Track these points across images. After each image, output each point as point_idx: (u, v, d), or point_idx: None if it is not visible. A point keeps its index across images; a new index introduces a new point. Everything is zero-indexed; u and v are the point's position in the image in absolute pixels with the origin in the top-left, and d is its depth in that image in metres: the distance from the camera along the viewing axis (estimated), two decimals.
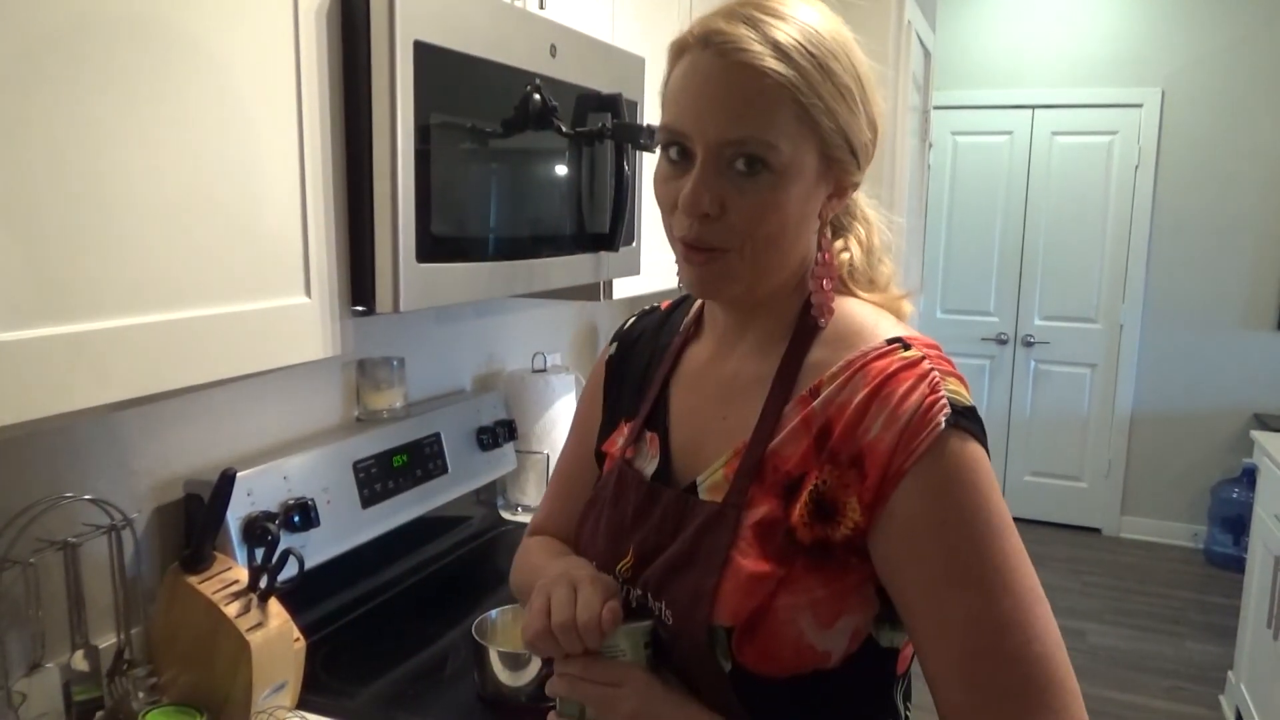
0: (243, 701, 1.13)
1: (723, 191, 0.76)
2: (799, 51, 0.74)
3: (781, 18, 0.76)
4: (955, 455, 0.72)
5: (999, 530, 0.72)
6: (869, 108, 0.80)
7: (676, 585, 0.80)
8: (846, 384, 0.76)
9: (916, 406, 0.72)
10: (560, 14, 1.52)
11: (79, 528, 1.14)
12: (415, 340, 1.83)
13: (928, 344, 0.79)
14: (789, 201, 0.77)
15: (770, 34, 0.74)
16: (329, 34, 1.04)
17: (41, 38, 0.75)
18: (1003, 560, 0.71)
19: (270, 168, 0.99)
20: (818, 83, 0.75)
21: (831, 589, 0.75)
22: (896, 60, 2.82)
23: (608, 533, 0.89)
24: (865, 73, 0.79)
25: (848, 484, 0.74)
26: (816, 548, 0.75)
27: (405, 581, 1.68)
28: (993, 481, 0.73)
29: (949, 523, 0.72)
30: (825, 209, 0.82)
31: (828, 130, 0.76)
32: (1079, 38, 4.70)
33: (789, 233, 0.79)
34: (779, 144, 0.75)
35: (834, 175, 0.80)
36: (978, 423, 0.74)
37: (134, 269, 0.84)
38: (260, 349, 1.00)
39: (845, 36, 0.79)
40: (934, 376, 0.74)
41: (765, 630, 0.75)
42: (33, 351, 0.75)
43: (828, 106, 0.76)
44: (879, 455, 0.73)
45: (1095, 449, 4.91)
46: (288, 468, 1.40)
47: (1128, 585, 4.31)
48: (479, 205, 1.25)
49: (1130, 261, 4.71)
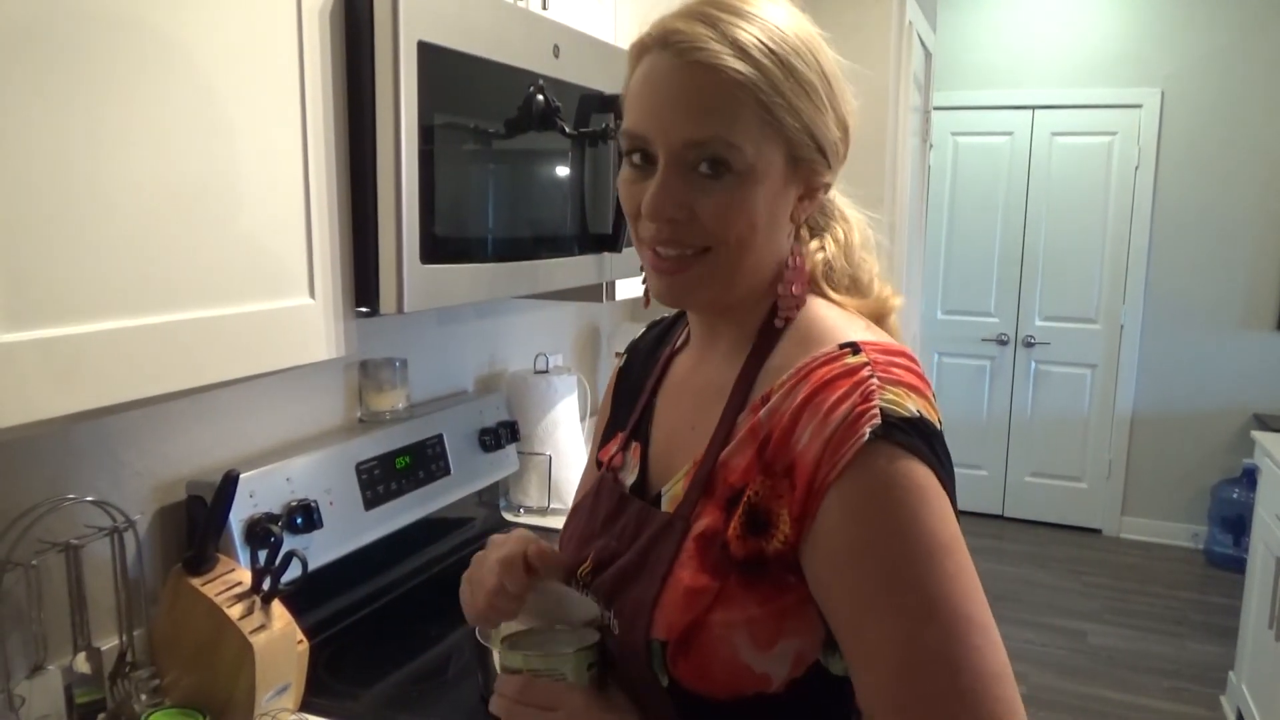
0: (245, 704, 1.13)
1: (688, 195, 0.74)
2: (760, 49, 0.72)
3: (742, 16, 0.74)
4: (880, 470, 0.67)
5: (928, 552, 0.66)
6: (837, 106, 0.77)
7: (623, 595, 0.79)
8: (790, 391, 0.73)
9: (844, 416, 0.68)
10: (563, 14, 1.52)
11: (81, 529, 1.13)
12: (417, 341, 1.83)
13: (887, 349, 0.74)
14: (756, 203, 0.75)
15: (730, 32, 0.72)
16: (332, 34, 1.04)
17: (35, 36, 0.74)
18: (932, 586, 0.66)
19: (274, 168, 0.99)
20: (780, 81, 0.73)
21: (768, 608, 0.72)
22: (897, 61, 2.82)
23: (578, 538, 0.89)
24: (832, 70, 0.77)
25: (780, 494, 0.71)
26: (751, 563, 0.72)
27: (408, 583, 1.68)
28: (926, 498, 0.67)
29: (871, 543, 0.67)
30: (797, 211, 0.79)
31: (792, 129, 0.74)
32: (1079, 38, 4.70)
33: (759, 235, 0.76)
34: (742, 145, 0.73)
35: (803, 176, 0.78)
36: (921, 435, 0.69)
37: (137, 270, 0.84)
38: (264, 350, 0.99)
39: (810, 33, 0.76)
40: (870, 385, 0.69)
41: (699, 646, 0.72)
42: (34, 353, 0.75)
43: (791, 105, 0.73)
44: (805, 466, 0.69)
45: (1096, 449, 4.91)
46: (291, 469, 1.40)
47: (1128, 586, 4.31)
48: (482, 206, 1.24)
49: (1130, 262, 4.71)
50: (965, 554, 0.68)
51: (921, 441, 0.68)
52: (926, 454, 0.68)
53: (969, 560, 0.68)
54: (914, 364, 0.74)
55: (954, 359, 5.10)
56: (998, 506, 5.11)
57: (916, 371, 0.73)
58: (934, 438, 0.70)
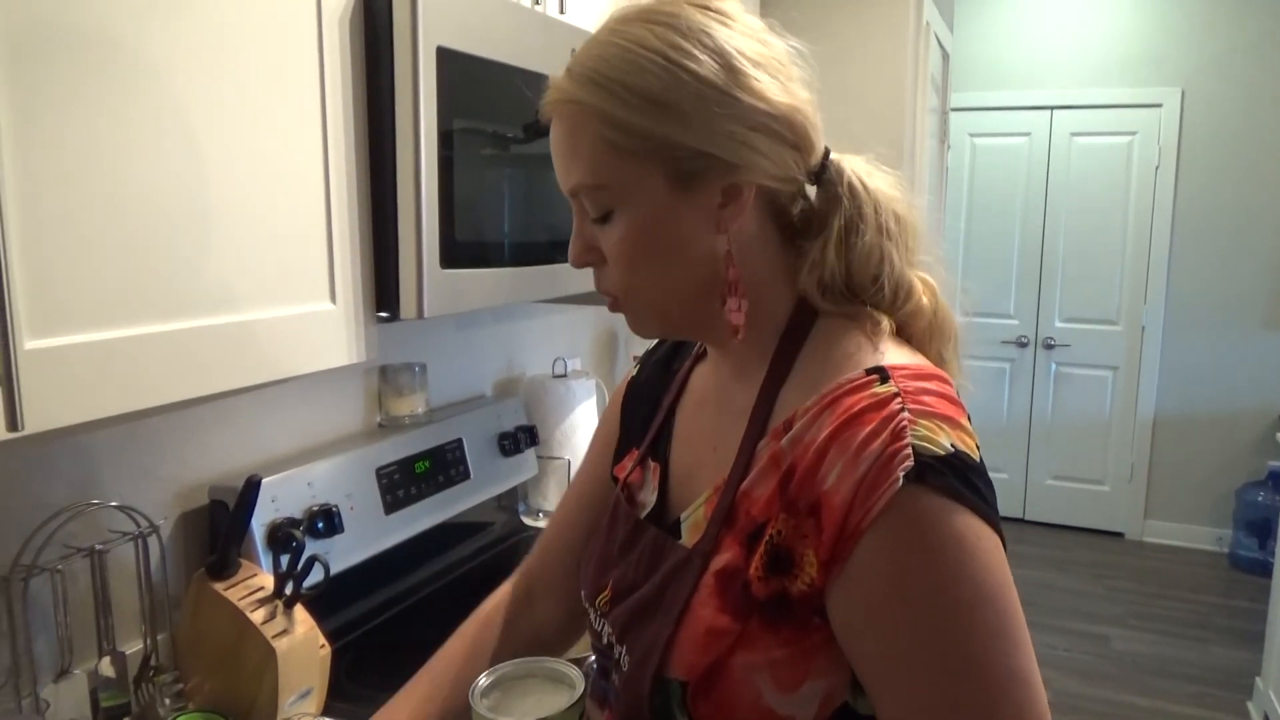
0: (269, 708, 1.13)
1: (594, 239, 0.75)
2: (599, 75, 0.69)
3: (591, 44, 0.72)
4: (916, 517, 0.62)
5: (969, 605, 0.62)
6: (732, 98, 0.69)
7: (637, 631, 0.76)
8: (814, 420, 0.68)
9: (876, 456, 0.63)
10: (580, 18, 1.52)
11: (106, 534, 1.14)
12: (436, 346, 1.83)
13: (917, 373, 0.68)
14: (649, 233, 0.72)
15: (579, 66, 0.71)
16: (352, 40, 1.05)
17: (62, 42, 0.75)
18: (973, 640, 0.62)
19: (295, 175, 0.99)
20: (617, 109, 0.69)
21: (792, 650, 0.67)
22: (915, 62, 2.81)
23: (596, 563, 0.87)
24: (706, 67, 0.69)
25: (805, 534, 0.66)
26: (773, 603, 0.68)
27: (428, 587, 1.68)
28: (965, 546, 0.62)
29: (907, 596, 0.63)
30: (723, 218, 0.72)
31: (654, 148, 0.69)
32: (1097, 38, 4.67)
33: (672, 260, 0.73)
34: (606, 183, 0.71)
35: (702, 185, 0.71)
36: (957, 473, 0.63)
37: (160, 277, 0.85)
38: (286, 356, 1.00)
39: (670, 38, 0.69)
40: (901, 420, 0.64)
41: (721, 689, 0.69)
42: (59, 361, 0.75)
43: (635, 125, 0.69)
44: (835, 508, 0.64)
45: (1118, 452, 4.86)
46: (312, 474, 1.40)
47: (1152, 590, 4.27)
48: (501, 210, 1.24)
49: (1151, 263, 4.67)
50: (1010, 599, 0.63)
51: (959, 480, 0.63)
52: (965, 494, 0.63)
53: (1014, 605, 0.63)
54: (947, 385, 0.69)
55: (973, 361, 5.00)
56: (1019, 509, 5.07)
57: (949, 396, 0.68)
58: (971, 471, 0.65)
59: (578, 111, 0.71)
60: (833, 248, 0.74)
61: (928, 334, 0.77)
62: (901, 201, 0.77)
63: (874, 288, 0.75)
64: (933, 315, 0.77)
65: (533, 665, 0.83)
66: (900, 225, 0.76)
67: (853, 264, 0.75)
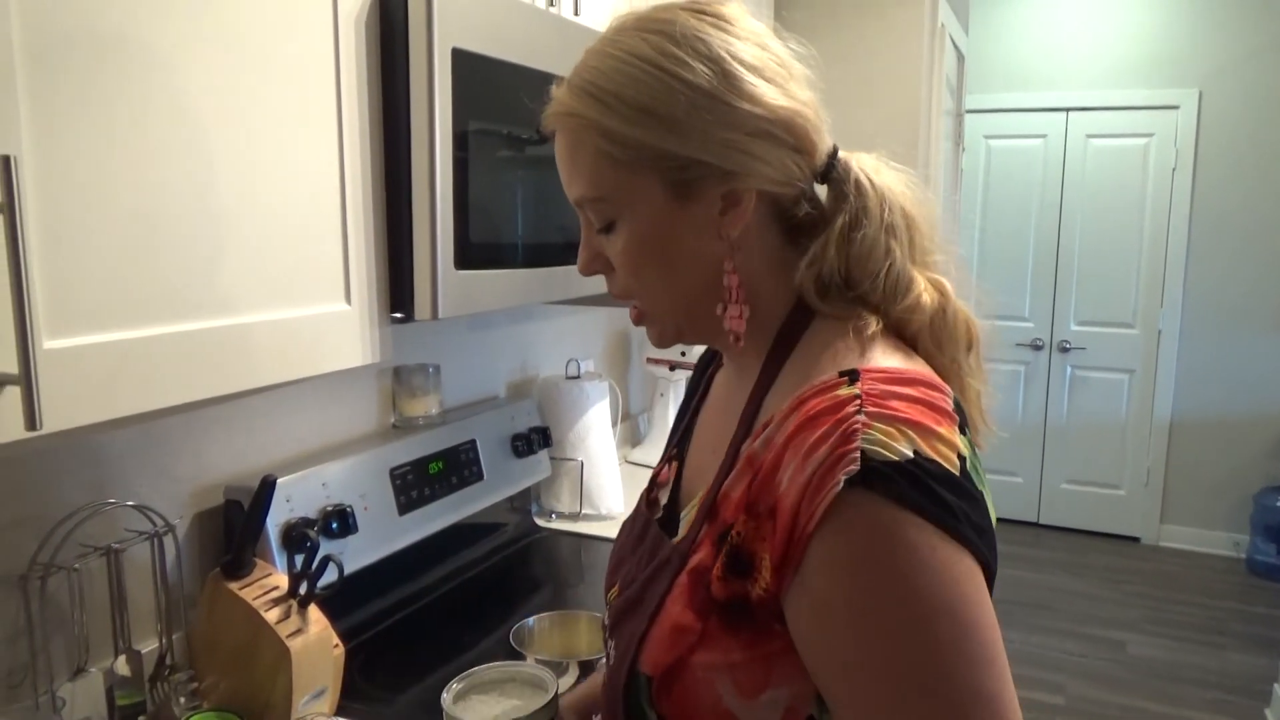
0: (283, 707, 1.13)
1: (602, 248, 0.76)
2: (589, 89, 0.70)
3: (588, 55, 0.72)
4: (857, 524, 0.60)
5: (921, 617, 0.59)
6: (737, 101, 0.69)
7: (622, 626, 0.77)
8: (783, 422, 0.66)
9: (823, 459, 0.61)
10: (595, 19, 1.52)
11: (122, 534, 1.15)
12: (450, 347, 1.84)
13: (895, 377, 0.66)
14: (651, 243, 0.73)
15: (569, 80, 0.72)
16: (368, 42, 1.05)
17: (77, 46, 0.76)
18: (925, 655, 0.59)
19: (311, 176, 0.99)
20: (613, 115, 0.69)
21: (751, 654, 0.66)
22: (930, 64, 2.80)
23: (613, 560, 0.88)
24: (700, 75, 0.68)
25: (763, 537, 0.65)
26: (733, 606, 0.66)
27: (441, 588, 1.68)
28: (916, 555, 0.59)
29: (858, 608, 0.60)
30: (726, 225, 0.72)
31: (647, 157, 0.70)
32: (1114, 39, 4.64)
33: (675, 269, 0.74)
34: (606, 194, 0.72)
35: (700, 192, 0.71)
36: (914, 482, 0.60)
37: (176, 278, 0.85)
38: (302, 356, 1.00)
39: (664, 47, 0.69)
40: (853, 423, 0.62)
41: (682, 687, 0.69)
42: (76, 360, 0.76)
43: (627, 135, 0.69)
44: (785, 511, 0.63)
45: (1134, 456, 4.83)
46: (326, 474, 1.41)
47: (1167, 595, 4.23)
48: (515, 212, 1.25)
49: (1168, 265, 4.64)
50: (973, 614, 0.60)
51: (914, 488, 0.60)
52: (919, 502, 0.60)
53: (978, 619, 0.60)
54: (934, 393, 0.66)
55: (988, 364, 5.03)
56: (1033, 514, 5.04)
57: (931, 402, 0.64)
58: (936, 480, 0.61)
59: (576, 124, 0.71)
60: (833, 244, 0.73)
61: (934, 335, 0.74)
62: (910, 197, 0.76)
63: (871, 283, 0.73)
64: (938, 315, 0.74)
65: (510, 670, 0.86)
66: (908, 221, 0.75)
67: (852, 260, 0.73)
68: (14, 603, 1.06)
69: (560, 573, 1.86)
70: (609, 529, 2.01)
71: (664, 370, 2.47)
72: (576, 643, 1.37)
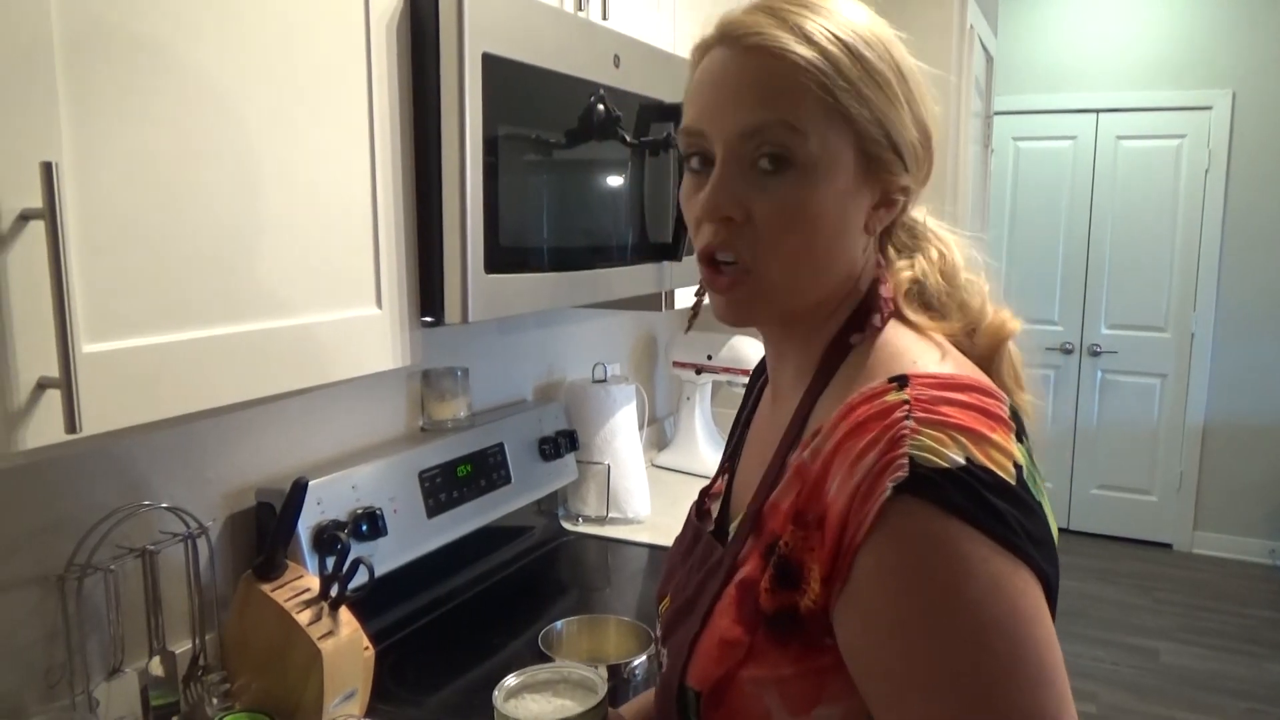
0: (314, 709, 1.14)
1: (746, 194, 0.68)
2: (826, 36, 0.67)
3: (809, 7, 0.69)
4: (906, 532, 0.58)
5: (971, 631, 0.57)
6: (915, 105, 0.71)
7: (674, 633, 0.76)
8: (832, 431, 0.64)
9: (870, 466, 0.60)
10: (623, 24, 1.52)
11: (156, 535, 1.16)
12: (478, 350, 1.85)
13: (947, 382, 0.64)
14: (821, 202, 0.68)
15: (792, 20, 0.68)
16: (399, 47, 1.06)
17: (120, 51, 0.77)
18: (976, 669, 0.56)
19: (343, 181, 1.00)
20: (847, 67, 0.67)
21: (801, 668, 0.64)
22: (959, 65, 2.78)
23: (666, 569, 0.88)
24: (909, 68, 0.71)
25: (812, 548, 0.63)
26: (782, 618, 0.65)
27: (469, 591, 1.69)
28: (967, 566, 0.57)
29: (906, 619, 0.58)
30: (872, 219, 0.72)
31: (862, 120, 0.67)
32: (1145, 39, 4.58)
33: (823, 241, 0.70)
34: (806, 130, 0.66)
35: (877, 178, 0.70)
36: (965, 489, 0.58)
37: (212, 282, 0.86)
38: (334, 359, 1.01)
39: (884, 32, 0.71)
40: (901, 428, 0.60)
41: (730, 703, 0.67)
42: (114, 364, 0.77)
43: (860, 93, 0.67)
44: (834, 520, 0.61)
45: (1166, 461, 4.76)
46: (356, 477, 1.42)
47: (1201, 603, 4.17)
48: (544, 216, 1.25)
49: (1201, 268, 4.57)
50: (1028, 628, 0.57)
51: (966, 496, 0.58)
52: (971, 511, 0.58)
53: (1034, 634, 0.58)
54: (985, 397, 0.63)
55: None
56: (1063, 519, 4.98)
57: (982, 404, 0.62)
58: (990, 489, 0.58)
59: (796, 57, 0.66)
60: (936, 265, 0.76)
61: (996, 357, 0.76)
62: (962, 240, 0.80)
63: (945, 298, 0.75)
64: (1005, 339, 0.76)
65: (561, 671, 0.85)
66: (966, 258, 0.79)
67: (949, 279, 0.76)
68: (52, 603, 1.08)
69: (587, 576, 1.86)
70: (636, 533, 2.01)
71: (690, 374, 2.47)
72: (605, 646, 1.37)
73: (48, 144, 0.70)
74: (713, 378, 2.45)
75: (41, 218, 0.68)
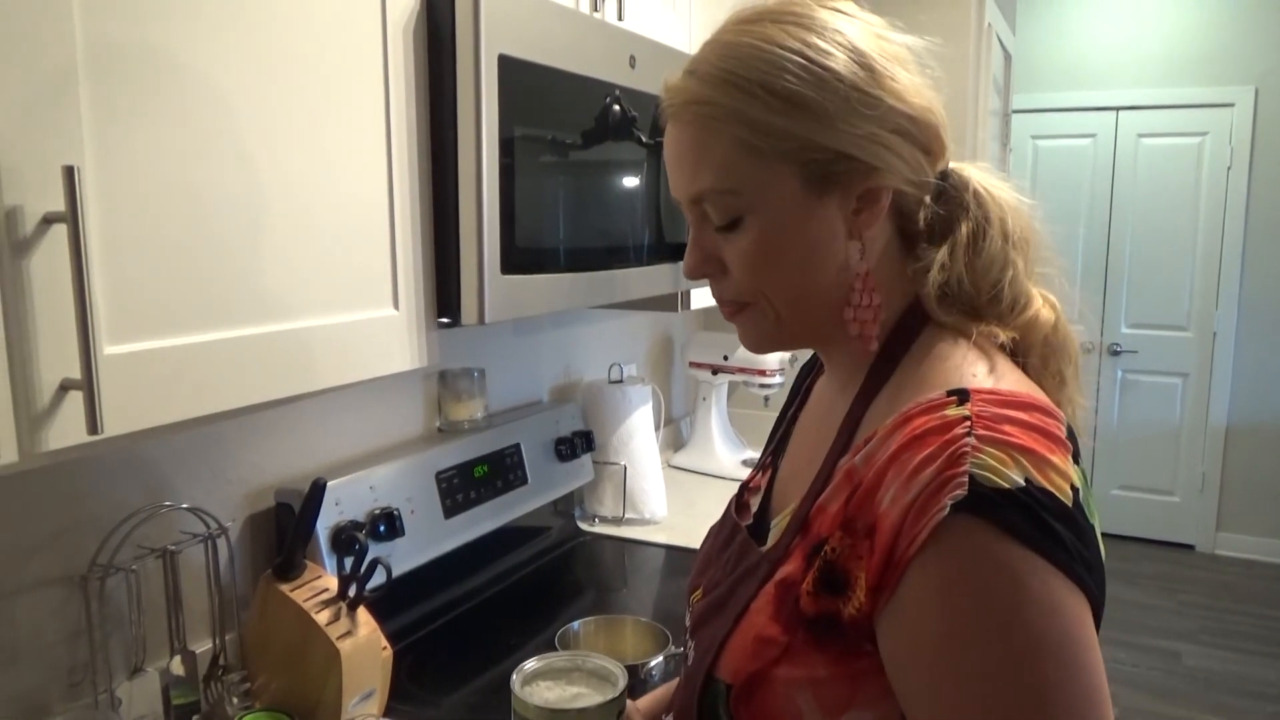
0: (333, 708, 1.15)
1: (716, 247, 0.73)
2: (728, 77, 0.67)
3: (716, 45, 0.70)
4: (963, 551, 0.58)
5: (1023, 653, 0.57)
6: (873, 98, 0.68)
7: (703, 629, 0.76)
8: (886, 439, 0.64)
9: (928, 482, 0.59)
10: (638, 25, 1.52)
11: (177, 535, 1.17)
12: (494, 351, 1.85)
13: (1007, 400, 0.63)
14: (782, 239, 0.70)
15: (697, 70, 0.69)
16: (415, 49, 1.06)
17: (139, 56, 0.77)
18: (1028, 693, 0.57)
19: (360, 183, 1.01)
20: (755, 108, 0.67)
21: (836, 671, 0.65)
22: (976, 64, 2.76)
23: (700, 562, 0.88)
24: (846, 68, 0.67)
25: (860, 556, 0.63)
26: (821, 622, 0.65)
27: (486, 592, 1.69)
28: (1023, 588, 0.57)
29: (959, 638, 0.58)
30: (855, 224, 0.71)
31: (789, 149, 0.67)
32: (1165, 35, 4.54)
33: (801, 269, 0.71)
34: (736, 188, 0.69)
35: (835, 187, 0.69)
36: (1025, 511, 0.58)
37: (231, 284, 0.87)
38: (352, 361, 1.01)
39: (806, 38, 0.68)
40: (963, 445, 0.59)
41: (761, 699, 0.67)
42: (136, 366, 0.77)
43: (772, 125, 0.67)
44: (885, 533, 0.61)
45: (1188, 462, 4.71)
46: (373, 478, 1.42)
47: (1225, 605, 4.12)
48: (560, 217, 1.25)
49: (1224, 266, 4.52)
50: (1081, 653, 0.57)
51: (1023, 517, 0.58)
52: (1030, 533, 0.58)
53: (1086, 660, 0.58)
54: (1045, 417, 0.63)
55: None
56: None
57: (1045, 429, 0.62)
58: (1049, 512, 0.58)
59: (709, 114, 0.68)
60: (960, 253, 0.72)
61: (1046, 350, 0.74)
62: (1025, 212, 0.76)
63: (991, 295, 0.73)
64: (1052, 331, 0.74)
65: (578, 660, 0.85)
66: (1025, 234, 0.75)
67: (977, 271, 0.73)
68: (75, 603, 1.09)
69: (604, 577, 1.86)
70: (652, 533, 2.01)
71: (707, 374, 2.47)
72: (621, 647, 1.37)
73: (69, 149, 0.71)
74: (729, 378, 2.45)
75: (64, 221, 0.69)
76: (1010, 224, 0.74)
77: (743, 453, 2.53)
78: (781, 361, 2.39)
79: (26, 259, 0.68)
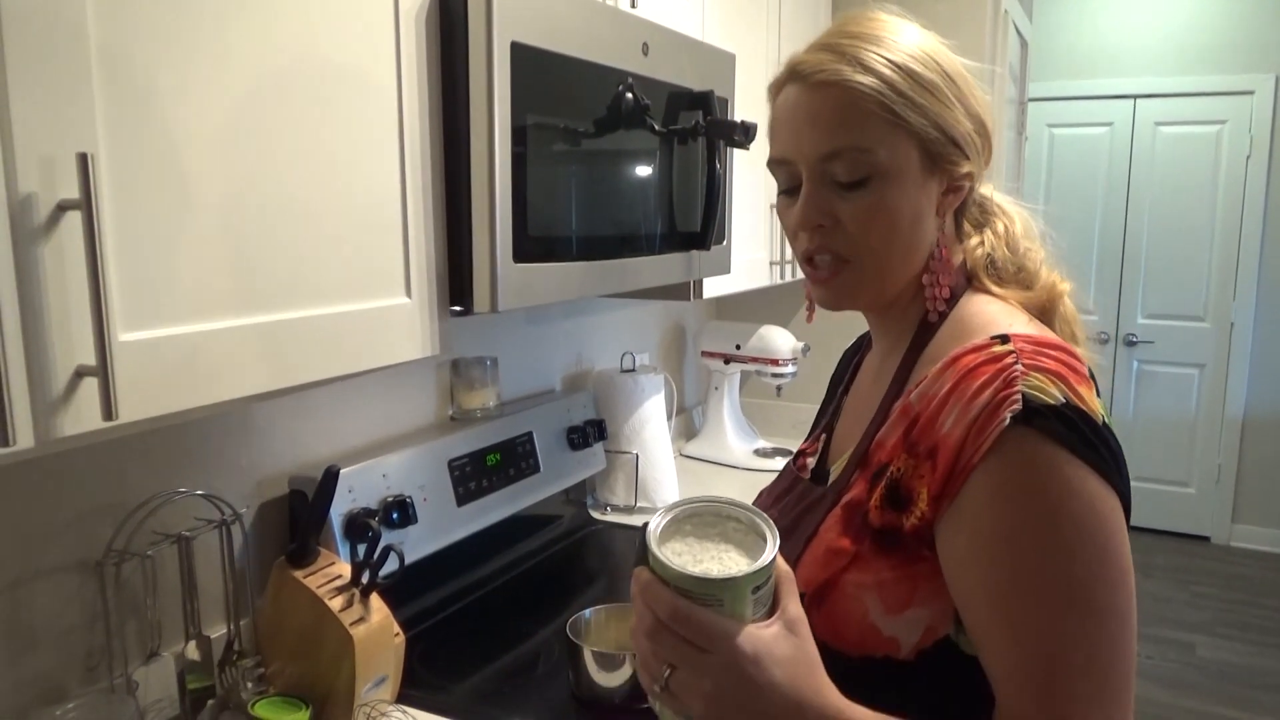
0: (346, 694, 1.15)
1: (831, 204, 0.81)
2: (880, 62, 0.79)
3: (861, 39, 0.81)
4: (1020, 456, 0.69)
5: (1070, 541, 0.68)
6: (965, 101, 0.82)
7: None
8: (938, 377, 0.76)
9: (987, 402, 0.70)
10: (652, 12, 1.51)
11: (192, 522, 1.18)
12: (507, 340, 1.85)
13: (1039, 342, 0.75)
14: (896, 202, 0.81)
15: (850, 53, 0.80)
16: (428, 37, 1.06)
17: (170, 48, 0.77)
18: (1072, 574, 0.68)
19: (373, 171, 1.01)
20: (900, 84, 0.79)
21: (900, 573, 0.75)
22: (993, 52, 2.74)
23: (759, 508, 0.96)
24: (956, 70, 0.83)
25: (921, 474, 0.74)
26: (886, 533, 0.76)
27: (498, 579, 1.70)
28: (1070, 487, 0.68)
29: (1010, 529, 0.69)
30: (942, 204, 0.84)
31: (919, 125, 0.79)
32: (1183, 22, 4.48)
33: (904, 232, 0.82)
34: (874, 148, 0.79)
35: (941, 169, 0.82)
36: (1065, 422, 0.69)
37: (245, 272, 0.87)
38: (365, 349, 1.01)
39: (931, 45, 0.83)
40: (1013, 371, 0.71)
41: (832, 602, 0.77)
42: (151, 353, 0.78)
43: (914, 103, 0.79)
44: (949, 449, 0.72)
45: (1204, 453, 4.68)
46: (386, 465, 1.43)
47: (1240, 597, 4.09)
48: (573, 205, 1.25)
49: (1242, 256, 4.47)
50: (1113, 540, 0.69)
51: (1066, 428, 0.69)
52: (1072, 440, 0.69)
53: (1118, 546, 0.69)
54: (1071, 357, 0.74)
55: None
56: None
57: (1070, 363, 0.73)
58: (1086, 425, 0.70)
59: (857, 84, 0.79)
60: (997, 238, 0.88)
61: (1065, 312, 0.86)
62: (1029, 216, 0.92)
63: (1020, 268, 0.87)
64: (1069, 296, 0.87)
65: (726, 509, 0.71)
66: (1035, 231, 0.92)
67: (1010, 249, 0.88)
68: (91, 588, 1.10)
69: (615, 565, 1.86)
70: None
71: (719, 363, 2.46)
72: None
73: (83, 136, 0.71)
74: (741, 367, 2.44)
75: (78, 208, 0.69)
76: (1025, 223, 0.91)
77: (755, 442, 2.53)
78: (794, 351, 2.38)
79: (41, 247, 0.69)
